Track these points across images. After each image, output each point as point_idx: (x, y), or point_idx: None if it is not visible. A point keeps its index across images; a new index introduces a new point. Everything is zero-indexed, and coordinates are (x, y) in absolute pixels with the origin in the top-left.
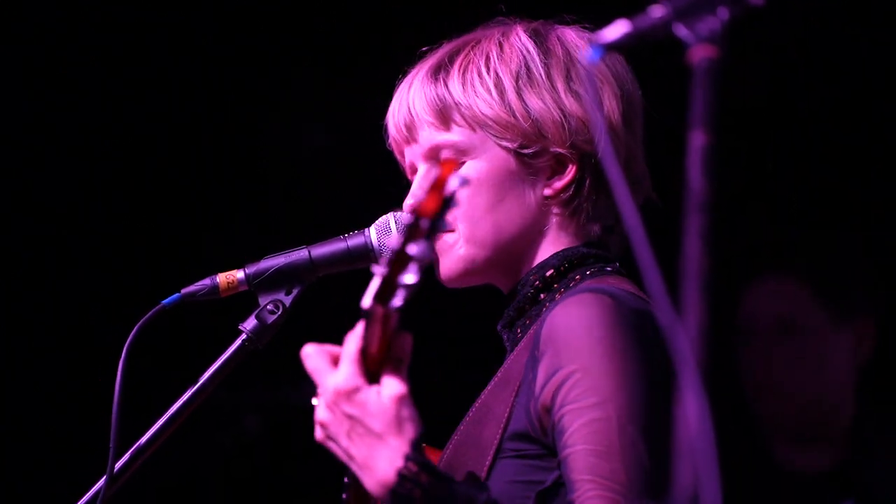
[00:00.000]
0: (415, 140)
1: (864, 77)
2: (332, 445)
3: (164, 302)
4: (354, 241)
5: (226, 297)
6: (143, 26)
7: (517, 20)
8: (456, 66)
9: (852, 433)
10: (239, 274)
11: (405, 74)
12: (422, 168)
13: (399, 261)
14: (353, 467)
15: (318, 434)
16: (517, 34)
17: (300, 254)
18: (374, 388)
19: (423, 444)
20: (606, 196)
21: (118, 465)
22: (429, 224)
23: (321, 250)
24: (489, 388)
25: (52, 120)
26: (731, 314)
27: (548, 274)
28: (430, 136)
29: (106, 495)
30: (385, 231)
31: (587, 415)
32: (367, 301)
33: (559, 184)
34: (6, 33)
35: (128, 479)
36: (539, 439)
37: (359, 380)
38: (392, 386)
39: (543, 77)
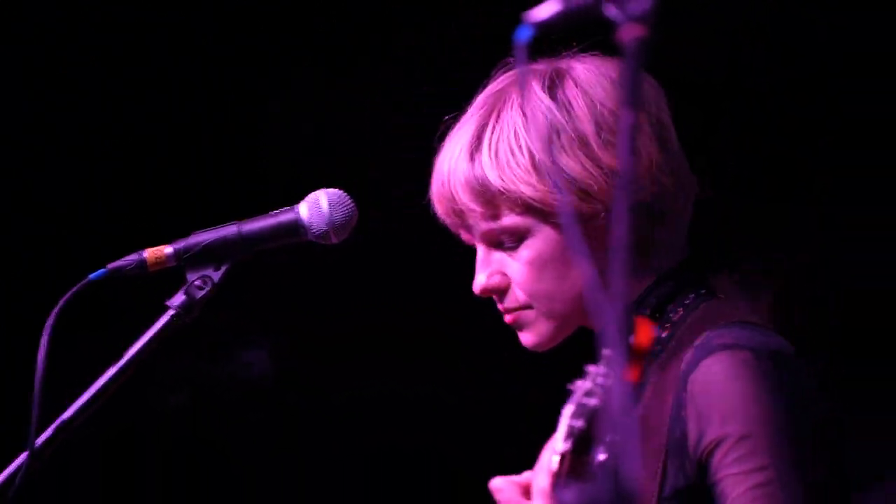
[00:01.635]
0: (467, 226)
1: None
2: None
3: (91, 276)
4: (285, 216)
5: (154, 273)
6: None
7: (532, 64)
8: (486, 147)
9: None
10: (167, 249)
11: (438, 149)
12: (480, 251)
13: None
14: None
15: None
16: (535, 93)
17: (229, 229)
18: None
19: None
20: (665, 225)
21: (40, 440)
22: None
23: (251, 226)
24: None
25: None
26: None
27: (646, 314)
28: (480, 223)
29: (27, 471)
30: (315, 207)
31: (750, 480)
32: (563, 447)
33: (592, 225)
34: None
35: (50, 454)
36: (701, 494)
37: None
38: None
39: (574, 138)
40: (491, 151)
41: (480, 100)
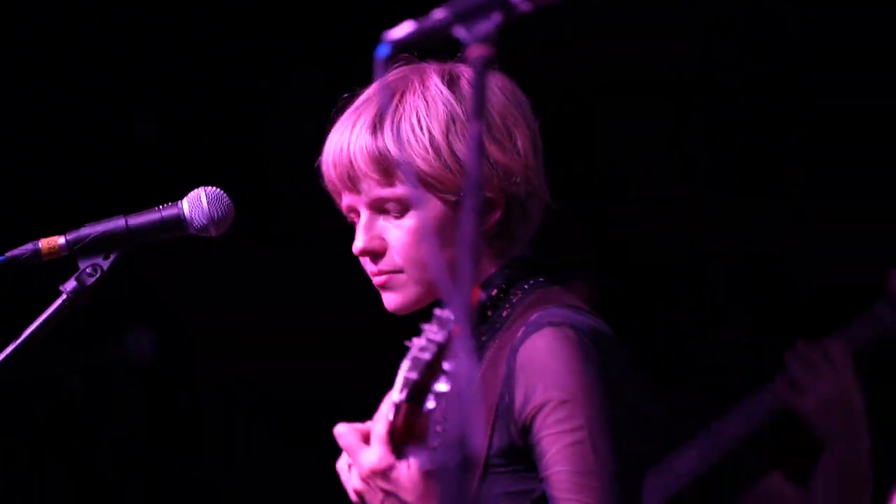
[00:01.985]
0: (357, 190)
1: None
2: None
3: None
4: (168, 212)
5: (48, 261)
6: None
7: (427, 63)
8: (390, 123)
9: None
10: (60, 240)
11: (333, 122)
12: (364, 215)
13: (433, 369)
14: None
15: (354, 499)
16: (435, 84)
17: (117, 222)
18: (404, 464)
19: None
20: (527, 222)
21: None
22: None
23: (137, 220)
24: None
25: None
26: None
27: (493, 293)
28: (373, 189)
29: None
30: (196, 203)
31: (566, 438)
32: (399, 397)
33: (489, 224)
34: None
35: None
36: (523, 454)
37: (391, 459)
38: (419, 462)
39: (467, 128)
40: (394, 127)
41: (380, 84)
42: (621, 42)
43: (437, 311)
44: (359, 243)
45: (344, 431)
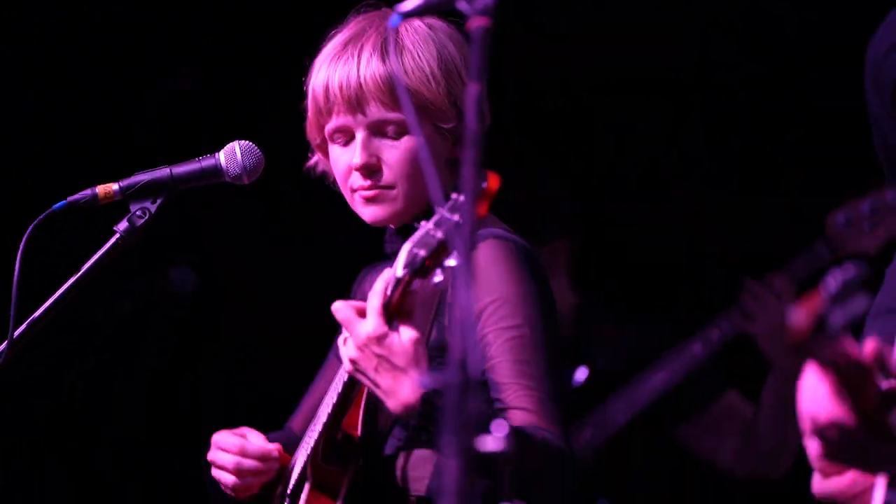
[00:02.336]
0: (361, 112)
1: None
2: (360, 376)
3: (54, 207)
4: (207, 162)
5: (104, 205)
6: None
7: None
8: (393, 53)
9: (575, 319)
10: (114, 186)
11: (320, 49)
12: (359, 136)
13: (442, 248)
14: (379, 393)
15: (348, 367)
16: (419, 25)
17: (163, 171)
18: (395, 334)
19: None
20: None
21: (17, 332)
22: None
23: (180, 169)
24: None
25: None
26: None
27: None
28: (378, 111)
29: (7, 356)
30: (230, 155)
31: (508, 333)
32: (401, 272)
33: (455, 154)
34: None
35: (23, 344)
36: None
37: (385, 328)
38: (409, 332)
39: (453, 69)
40: (400, 57)
41: (362, 23)
42: (619, 40)
43: (455, 196)
44: (359, 159)
45: (341, 307)
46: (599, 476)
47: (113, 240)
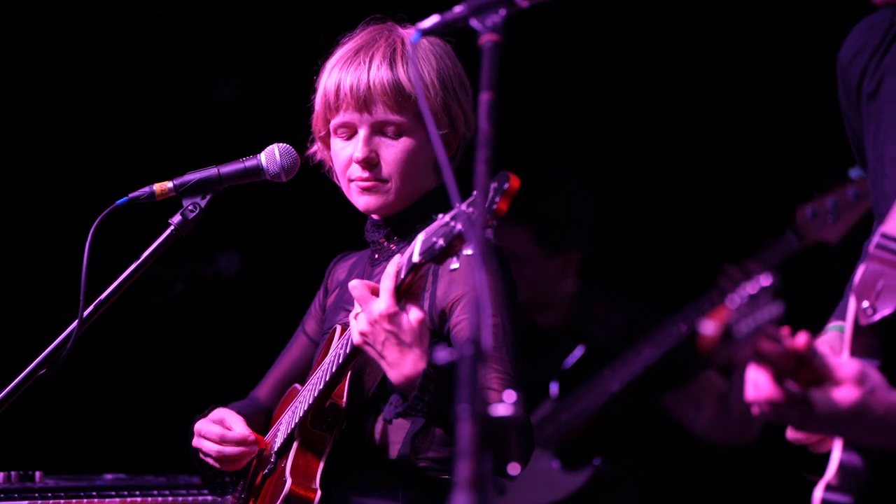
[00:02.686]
0: (367, 111)
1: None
2: (368, 348)
3: (118, 202)
4: (249, 162)
5: (160, 201)
6: None
7: (396, 23)
8: (401, 61)
9: (574, 303)
10: (169, 184)
11: (331, 53)
12: (362, 133)
13: (459, 239)
14: (384, 364)
15: (358, 339)
16: (426, 42)
17: (212, 171)
18: (404, 313)
19: None
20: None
21: (86, 312)
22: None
23: (226, 169)
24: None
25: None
26: None
27: (423, 207)
28: (382, 113)
29: (78, 332)
30: (271, 156)
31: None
32: (416, 257)
33: (451, 154)
34: None
35: (92, 322)
36: (434, 330)
37: (395, 308)
38: (416, 313)
39: (449, 81)
40: (406, 67)
41: (372, 34)
42: (619, 41)
43: (475, 193)
44: (361, 153)
45: (357, 284)
46: (595, 439)
47: (168, 231)
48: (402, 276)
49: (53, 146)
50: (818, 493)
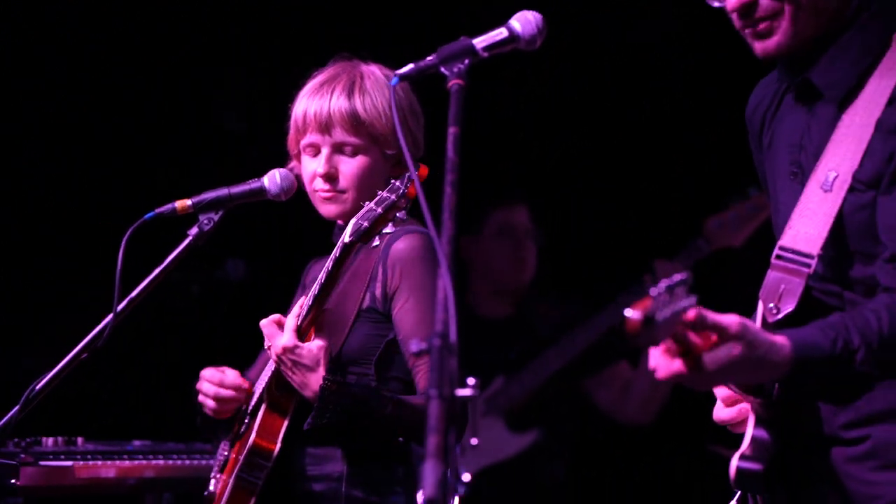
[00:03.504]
0: (328, 133)
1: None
2: (282, 369)
3: (146, 216)
4: (254, 184)
5: (181, 216)
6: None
7: (361, 60)
8: (358, 93)
9: (523, 299)
10: (188, 202)
11: (304, 85)
12: (324, 151)
13: (381, 219)
14: (295, 384)
15: (274, 362)
16: (376, 74)
17: (223, 191)
18: (306, 344)
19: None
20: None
21: (119, 307)
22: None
23: (235, 189)
24: (344, 281)
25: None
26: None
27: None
28: (341, 135)
29: (113, 324)
30: (272, 179)
31: (412, 301)
32: (348, 238)
33: (394, 170)
34: None
35: (124, 315)
36: (382, 313)
37: (294, 342)
38: (316, 342)
39: (399, 110)
40: (361, 96)
41: (337, 69)
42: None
43: (379, 192)
44: (322, 169)
45: (265, 323)
46: (537, 410)
47: (187, 241)
48: (304, 314)
49: (94, 171)
50: (734, 461)
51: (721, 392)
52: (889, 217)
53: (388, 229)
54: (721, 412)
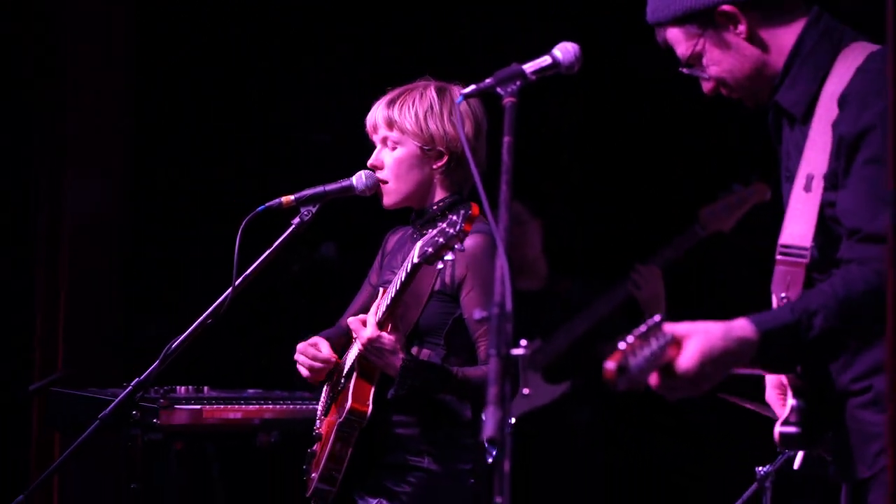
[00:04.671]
0: (376, 132)
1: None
2: (368, 356)
3: (258, 209)
4: (344, 183)
5: (286, 209)
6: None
7: (433, 80)
8: (398, 101)
9: (546, 275)
10: (292, 197)
11: (378, 98)
12: (378, 146)
13: (443, 248)
14: (379, 366)
15: (360, 350)
16: (431, 88)
17: (320, 188)
18: (385, 334)
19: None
20: (463, 169)
21: (237, 282)
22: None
23: (330, 187)
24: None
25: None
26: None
27: (440, 207)
28: (383, 131)
29: (232, 295)
30: (359, 178)
31: (475, 291)
32: (416, 259)
33: (438, 165)
34: None
35: (241, 289)
36: (450, 294)
37: (377, 333)
38: (393, 334)
39: (437, 113)
40: (400, 104)
41: (401, 88)
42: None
43: (451, 216)
44: (371, 160)
45: (353, 321)
46: (568, 364)
47: (290, 229)
48: (382, 311)
49: (220, 173)
50: (777, 427)
51: (769, 378)
52: (843, 203)
53: (449, 256)
54: (769, 393)
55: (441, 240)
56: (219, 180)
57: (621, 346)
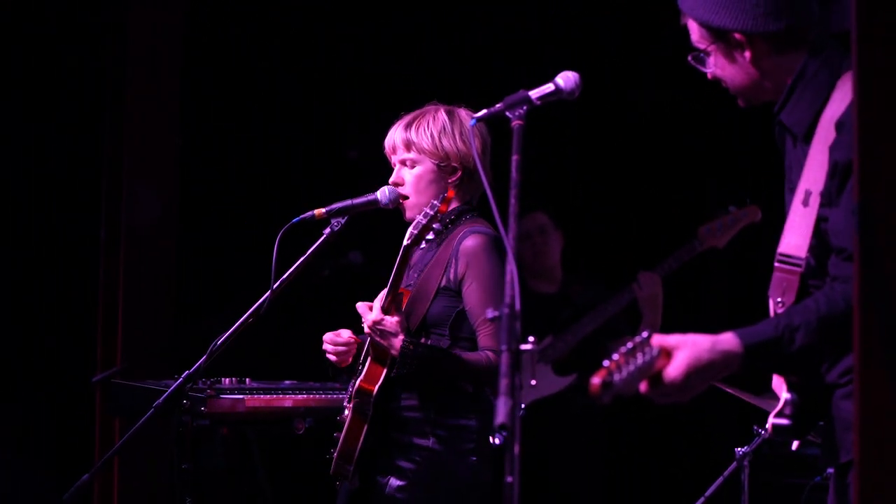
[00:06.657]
0: (395, 153)
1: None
2: (373, 336)
3: (293, 220)
4: (370, 197)
5: (318, 220)
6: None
7: (441, 105)
8: (415, 124)
9: (561, 278)
10: (323, 210)
11: (395, 122)
12: (397, 165)
13: (425, 229)
14: (383, 346)
15: (368, 331)
16: (441, 111)
17: (348, 202)
18: (388, 317)
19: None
20: (475, 184)
21: (275, 286)
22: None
23: (357, 200)
24: (427, 267)
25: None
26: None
27: (452, 217)
28: (402, 153)
29: (271, 297)
30: (383, 193)
31: (480, 289)
32: (406, 241)
33: (452, 179)
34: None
35: (279, 292)
36: (454, 290)
37: (381, 317)
38: (395, 318)
39: (450, 133)
40: (416, 126)
41: (417, 112)
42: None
43: (425, 208)
44: (392, 178)
45: (360, 305)
46: (576, 359)
47: (322, 238)
48: (385, 297)
49: (264, 187)
50: (770, 419)
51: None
52: (834, 223)
53: (458, 231)
54: (776, 382)
55: (423, 221)
56: (258, 194)
57: (605, 363)
